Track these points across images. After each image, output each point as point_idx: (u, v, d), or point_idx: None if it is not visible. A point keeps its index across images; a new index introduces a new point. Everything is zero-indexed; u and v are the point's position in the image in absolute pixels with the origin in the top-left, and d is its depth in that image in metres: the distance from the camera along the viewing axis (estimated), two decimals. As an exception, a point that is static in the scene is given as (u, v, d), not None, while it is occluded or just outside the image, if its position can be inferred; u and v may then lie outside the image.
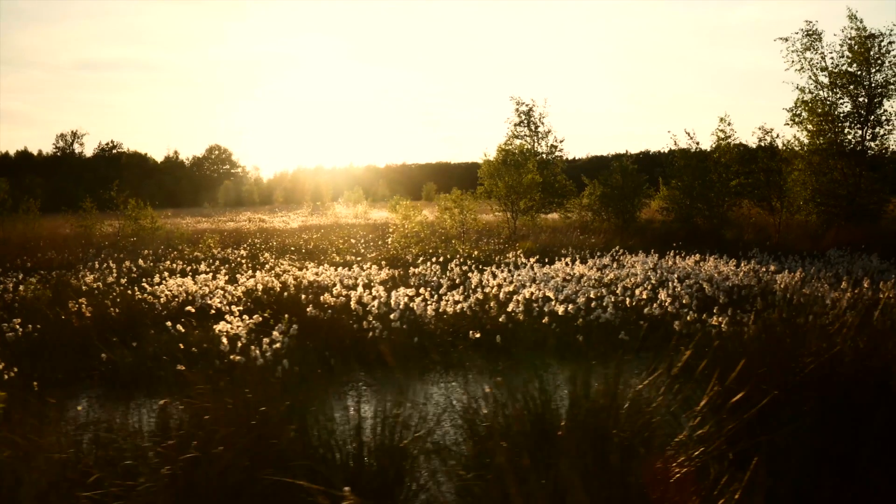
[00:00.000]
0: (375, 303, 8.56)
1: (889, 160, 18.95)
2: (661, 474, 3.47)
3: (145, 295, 9.98)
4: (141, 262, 15.10)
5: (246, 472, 3.04)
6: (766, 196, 19.50)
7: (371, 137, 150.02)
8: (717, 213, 19.51)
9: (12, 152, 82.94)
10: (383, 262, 12.93)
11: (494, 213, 22.80)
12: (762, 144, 19.76)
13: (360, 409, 3.78)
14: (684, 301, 9.21)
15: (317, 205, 56.99)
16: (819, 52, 18.46)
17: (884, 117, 18.26)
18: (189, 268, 13.88)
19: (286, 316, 7.78)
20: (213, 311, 8.39)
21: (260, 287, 9.92)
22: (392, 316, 8.03)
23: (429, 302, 8.72)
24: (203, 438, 3.15)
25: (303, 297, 8.82)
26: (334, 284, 10.02)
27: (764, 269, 11.98)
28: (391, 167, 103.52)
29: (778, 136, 19.93)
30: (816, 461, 3.31)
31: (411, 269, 12.19)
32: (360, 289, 9.04)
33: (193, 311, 8.29)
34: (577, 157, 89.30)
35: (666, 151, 22.56)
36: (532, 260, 13.84)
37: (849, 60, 18.22)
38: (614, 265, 13.13)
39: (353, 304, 8.49)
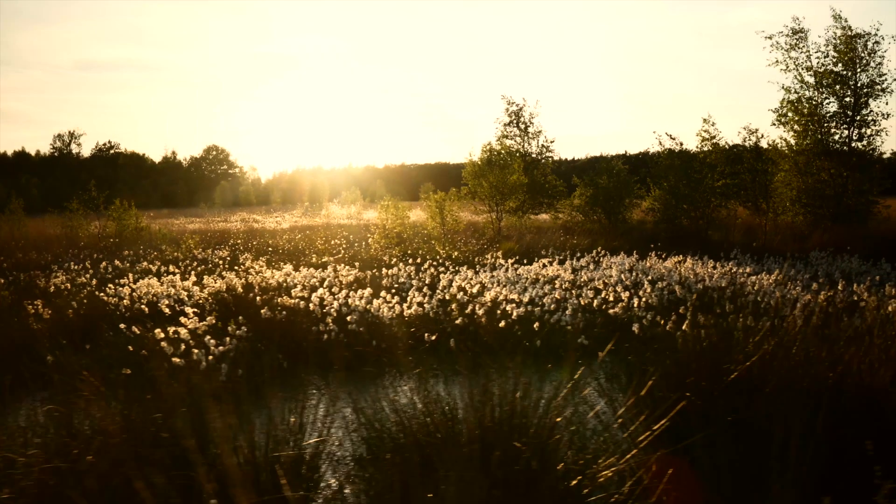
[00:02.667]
0: (335, 304, 8.43)
1: (876, 161, 18.79)
2: (565, 487, 3.33)
3: (110, 297, 9.86)
4: (118, 262, 14.99)
5: (123, 483, 2.90)
6: (753, 197, 19.35)
7: (370, 138, 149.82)
8: (702, 214, 19.35)
9: (10, 153, 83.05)
10: (357, 263, 12.80)
11: (479, 213, 22.64)
12: (747, 145, 19.62)
13: (248, 417, 3.64)
14: (649, 302, 9.08)
15: (307, 206, 56.81)
16: (804, 51, 18.32)
17: (869, 117, 18.10)
18: (165, 269, 13.77)
19: (239, 318, 7.66)
20: (168, 313, 8.26)
21: (224, 288, 9.80)
22: (349, 318, 7.90)
23: (390, 304, 8.59)
24: (82, 446, 3.02)
25: (258, 299, 8.68)
26: (295, 286, 9.89)
27: (740, 271, 11.84)
28: (390, 167, 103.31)
29: (762, 136, 19.79)
30: (721, 474, 3.18)
31: (385, 271, 12.05)
32: (320, 290, 8.91)
33: (147, 311, 8.15)
34: (576, 158, 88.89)
35: (652, 152, 22.39)
36: (510, 261, 13.70)
37: (834, 60, 18.07)
38: (591, 266, 12.99)
39: (311, 306, 8.37)
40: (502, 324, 8.03)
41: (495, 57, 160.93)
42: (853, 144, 18.51)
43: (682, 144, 20.16)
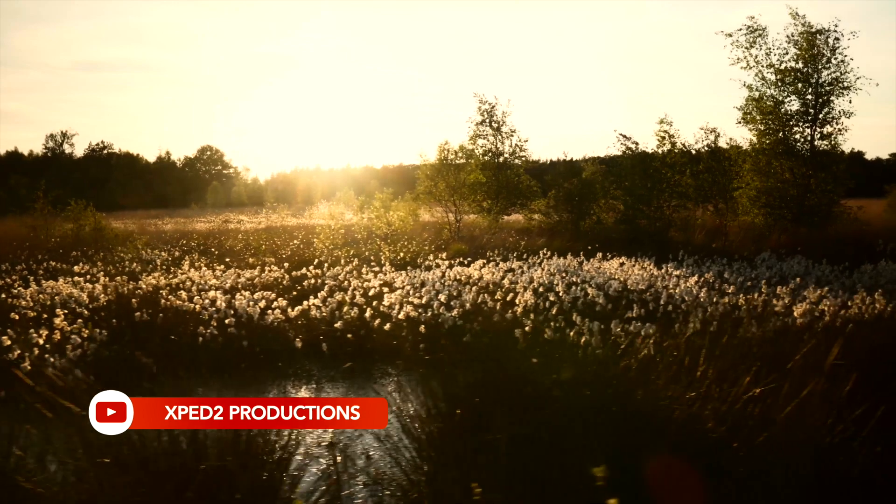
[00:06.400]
0: (222, 306, 8.16)
1: (839, 160, 18.39)
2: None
3: (12, 300, 9.60)
4: (54, 263, 14.77)
5: None
6: (712, 197, 19.01)
7: (370, 138, 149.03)
8: (660, 216, 19.01)
9: (2, 153, 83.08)
10: (286, 265, 12.53)
11: (433, 213, 22.30)
12: (707, 145, 19.32)
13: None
14: (558, 305, 8.78)
15: (299, 206, 56.49)
16: (764, 48, 17.96)
17: (830, 115, 17.71)
18: (107, 269, 13.47)
19: (112, 321, 7.40)
20: (33, 316, 7.97)
21: (127, 291, 9.54)
22: (227, 321, 7.63)
23: (279, 307, 8.32)
24: None
25: (133, 301, 8.42)
26: (189, 287, 9.63)
27: (675, 273, 11.54)
28: (388, 168, 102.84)
29: (719, 136, 19.44)
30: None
31: (311, 271, 11.78)
32: (212, 292, 8.65)
33: (17, 317, 7.83)
34: (574, 159, 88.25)
35: (613, 154, 22.01)
36: (447, 263, 13.41)
37: (795, 57, 17.71)
38: (525, 268, 12.68)
39: (197, 308, 8.10)
40: (387, 327, 7.76)
41: (495, 57, 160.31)
42: (816, 143, 18.13)
43: (637, 144, 19.87)
